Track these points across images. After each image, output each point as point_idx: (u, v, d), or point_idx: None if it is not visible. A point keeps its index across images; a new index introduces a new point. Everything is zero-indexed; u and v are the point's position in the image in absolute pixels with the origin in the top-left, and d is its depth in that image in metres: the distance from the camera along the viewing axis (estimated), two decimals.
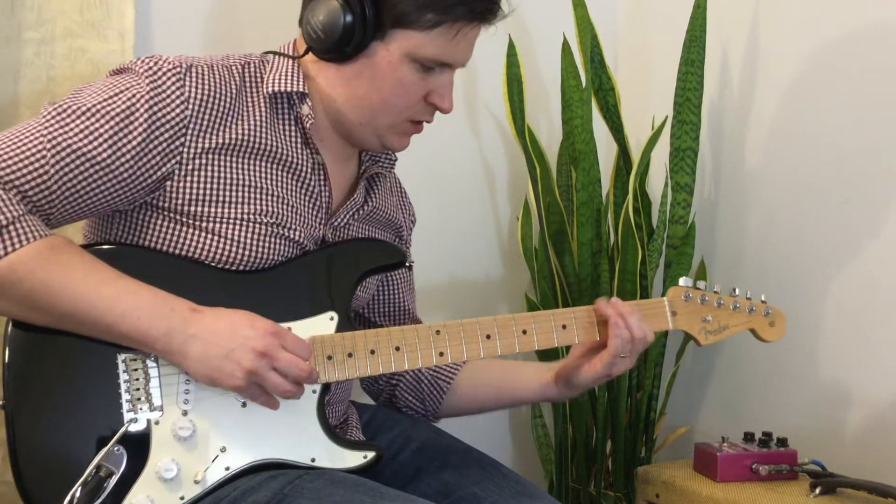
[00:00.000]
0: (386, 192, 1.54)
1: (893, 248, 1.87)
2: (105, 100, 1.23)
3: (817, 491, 1.65)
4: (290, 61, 1.37)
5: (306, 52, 1.36)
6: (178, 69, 1.27)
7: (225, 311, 1.23)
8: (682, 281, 1.48)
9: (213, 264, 1.29)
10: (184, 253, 1.28)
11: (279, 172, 1.34)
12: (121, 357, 1.23)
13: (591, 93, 2.08)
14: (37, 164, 1.18)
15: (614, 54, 2.44)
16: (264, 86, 1.35)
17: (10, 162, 1.18)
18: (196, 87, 1.27)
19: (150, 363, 1.23)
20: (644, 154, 2.07)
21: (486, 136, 2.31)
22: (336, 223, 1.41)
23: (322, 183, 1.39)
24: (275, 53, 1.40)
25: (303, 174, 1.37)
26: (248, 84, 1.34)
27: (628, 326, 1.38)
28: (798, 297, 2.01)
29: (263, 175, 1.33)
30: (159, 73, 1.26)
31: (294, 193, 1.36)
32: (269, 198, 1.32)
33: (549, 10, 2.25)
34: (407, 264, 1.41)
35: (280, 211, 1.33)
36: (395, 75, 1.33)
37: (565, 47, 2.08)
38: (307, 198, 1.38)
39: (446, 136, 2.23)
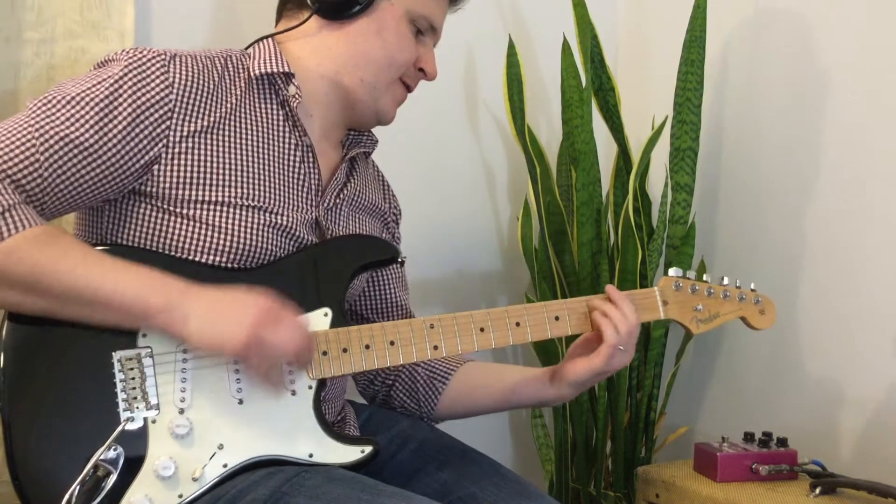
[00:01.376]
0: (368, 178, 1.56)
1: (894, 248, 1.87)
2: (89, 87, 1.25)
3: (817, 491, 1.65)
4: (272, 46, 1.41)
5: (309, 17, 1.41)
6: (162, 57, 1.29)
7: (221, 287, 1.23)
8: (671, 271, 1.48)
9: (202, 256, 1.29)
10: (172, 244, 1.29)
11: (263, 154, 1.36)
12: (116, 356, 1.22)
13: (591, 93, 2.08)
14: (27, 153, 1.19)
15: (614, 54, 2.44)
16: (250, 69, 1.38)
17: (1, 153, 1.18)
18: (180, 73, 1.29)
19: (145, 361, 1.23)
20: (644, 154, 2.07)
21: (486, 136, 2.31)
22: (326, 204, 1.43)
23: (311, 164, 1.40)
24: (256, 42, 1.43)
25: (288, 156, 1.38)
26: (230, 72, 1.37)
27: (624, 314, 1.39)
28: (798, 297, 2.01)
29: (246, 156, 1.34)
30: (143, 60, 1.27)
31: (280, 175, 1.37)
32: (253, 179, 1.33)
33: (549, 10, 2.25)
34: (399, 260, 1.41)
35: (265, 194, 1.33)
36: (398, 29, 1.43)
37: (565, 47, 2.08)
38: (294, 179, 1.38)
39: (446, 136, 2.24)
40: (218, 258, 1.30)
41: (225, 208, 1.30)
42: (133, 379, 1.22)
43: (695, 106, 2.03)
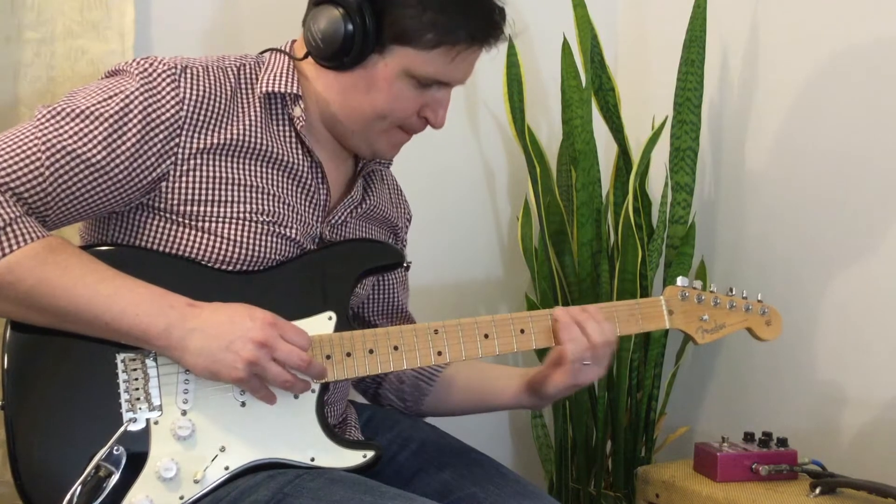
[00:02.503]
0: (382, 190, 1.55)
1: (893, 248, 1.87)
2: (99, 102, 1.24)
3: (817, 491, 1.65)
4: (286, 62, 1.38)
5: (305, 57, 1.37)
6: (173, 71, 1.27)
7: (223, 305, 1.23)
8: (679, 280, 1.48)
9: (209, 264, 1.29)
10: (180, 253, 1.29)
11: (274, 172, 1.35)
12: (120, 357, 1.23)
13: (591, 93, 2.08)
14: (32, 167, 1.19)
15: (614, 54, 2.44)
16: (258, 85, 1.35)
17: (4, 165, 1.18)
18: (191, 89, 1.28)
19: (149, 363, 1.23)
20: (644, 154, 2.07)
21: (486, 136, 2.31)
22: (333, 220, 1.42)
23: (320, 182, 1.40)
24: (272, 51, 1.40)
25: (299, 173, 1.37)
26: (243, 85, 1.35)
27: (585, 333, 1.36)
28: (798, 297, 2.01)
29: (259, 174, 1.33)
30: (154, 75, 1.26)
31: (290, 192, 1.36)
32: (265, 196, 1.33)
33: (549, 10, 2.25)
34: (404, 265, 1.41)
35: (276, 209, 1.33)
36: (390, 89, 1.34)
37: (565, 47, 2.08)
38: (304, 196, 1.38)
39: (446, 137, 2.22)
40: (225, 266, 1.30)
41: (232, 221, 1.30)
42: (136, 380, 1.23)
43: (695, 106, 2.03)
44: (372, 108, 1.35)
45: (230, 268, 1.30)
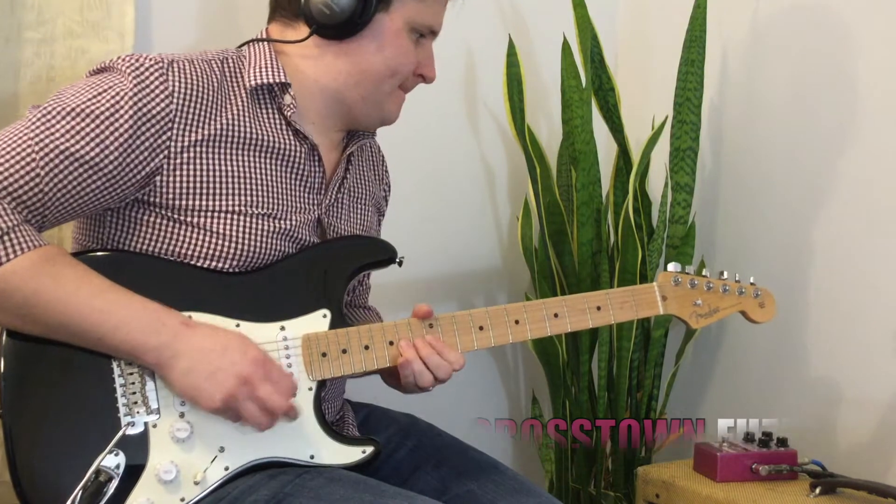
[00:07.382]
0: (365, 165, 1.56)
1: (893, 248, 1.87)
2: (89, 99, 1.24)
3: (817, 491, 1.66)
4: (268, 52, 1.39)
5: (310, 35, 1.38)
6: (161, 65, 1.28)
7: (217, 331, 1.24)
8: (670, 266, 1.49)
9: (205, 262, 1.29)
10: (174, 250, 1.29)
11: (267, 160, 1.35)
12: (116, 361, 1.23)
13: (591, 93, 2.07)
14: (27, 168, 1.19)
15: (614, 54, 2.44)
16: (245, 79, 1.36)
17: (1, 168, 1.18)
18: (179, 82, 1.28)
19: (146, 367, 1.23)
20: (644, 154, 2.07)
21: (486, 136, 2.31)
22: (327, 202, 1.43)
23: (315, 164, 1.41)
24: (250, 43, 1.41)
25: (291, 158, 1.38)
26: (228, 77, 1.36)
27: (428, 369, 1.33)
28: (798, 297, 2.01)
29: (250, 164, 1.33)
30: (142, 70, 1.26)
31: (283, 179, 1.37)
32: (257, 186, 1.33)
33: (549, 10, 2.25)
34: (397, 261, 1.41)
35: (268, 199, 1.34)
36: (397, 43, 1.40)
37: (565, 47, 2.08)
38: (298, 181, 1.39)
39: (446, 136, 2.24)
40: (221, 264, 1.30)
41: (230, 216, 1.30)
42: (133, 384, 1.23)
43: (695, 106, 2.03)
44: (385, 66, 1.40)
45: (225, 265, 1.30)
